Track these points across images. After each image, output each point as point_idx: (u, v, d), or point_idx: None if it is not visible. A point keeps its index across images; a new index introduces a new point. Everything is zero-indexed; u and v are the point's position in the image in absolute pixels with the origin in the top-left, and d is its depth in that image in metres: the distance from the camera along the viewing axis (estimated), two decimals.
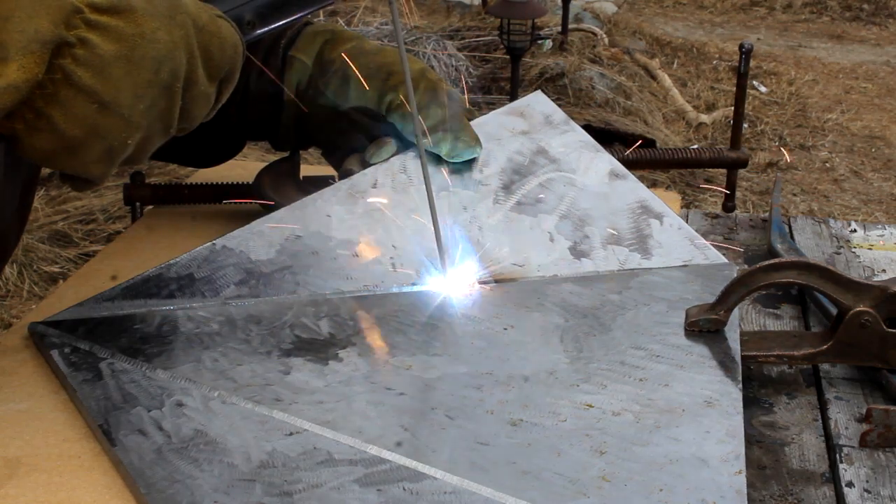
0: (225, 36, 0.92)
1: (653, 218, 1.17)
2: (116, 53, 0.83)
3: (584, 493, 0.79)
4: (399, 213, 1.12)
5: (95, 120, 0.84)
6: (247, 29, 1.01)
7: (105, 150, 0.86)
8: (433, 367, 0.95)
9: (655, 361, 0.96)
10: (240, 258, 1.07)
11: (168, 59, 0.86)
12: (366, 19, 5.86)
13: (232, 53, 0.93)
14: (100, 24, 0.82)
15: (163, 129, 0.90)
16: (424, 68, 1.19)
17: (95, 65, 0.82)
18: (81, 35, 0.81)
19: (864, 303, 0.96)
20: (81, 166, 0.87)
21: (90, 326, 1.00)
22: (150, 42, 0.84)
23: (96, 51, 0.82)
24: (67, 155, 0.85)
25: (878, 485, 0.86)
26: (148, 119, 0.87)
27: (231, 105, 1.21)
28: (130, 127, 0.86)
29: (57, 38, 0.80)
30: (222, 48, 0.92)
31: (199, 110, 0.93)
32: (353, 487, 0.79)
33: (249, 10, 1.01)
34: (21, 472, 0.83)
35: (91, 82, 0.82)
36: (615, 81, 5.12)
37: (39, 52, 0.79)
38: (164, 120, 0.89)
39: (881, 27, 7.73)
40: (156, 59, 0.85)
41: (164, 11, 0.86)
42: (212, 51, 0.91)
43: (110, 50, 0.82)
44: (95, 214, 3.54)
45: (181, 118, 0.91)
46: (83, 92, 0.82)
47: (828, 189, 4.60)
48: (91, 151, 0.85)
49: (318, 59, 1.20)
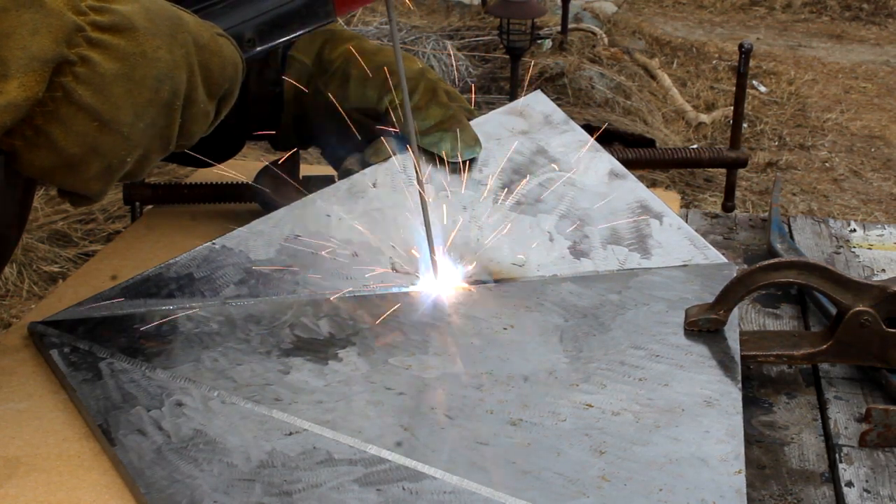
0: (225, 54, 0.92)
1: (652, 218, 1.17)
2: (117, 72, 0.83)
3: (583, 492, 0.79)
4: (399, 213, 1.12)
5: (95, 138, 0.84)
6: (247, 46, 1.01)
7: (104, 167, 0.86)
8: (433, 366, 0.95)
9: (655, 361, 0.96)
10: (239, 258, 1.07)
11: (169, 77, 0.86)
12: (365, 19, 5.86)
13: (232, 72, 0.93)
14: (101, 43, 0.82)
15: (161, 147, 0.90)
16: (424, 68, 1.19)
17: (96, 83, 0.82)
18: (83, 53, 0.81)
19: (864, 302, 0.96)
20: (80, 183, 0.87)
21: (90, 326, 1.00)
22: (151, 61, 0.84)
23: (97, 69, 0.82)
24: (66, 172, 0.85)
25: (878, 484, 0.86)
26: (147, 137, 0.87)
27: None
28: (129, 145, 0.86)
29: (58, 56, 0.80)
30: (223, 67, 0.92)
31: (198, 127, 0.93)
32: (353, 487, 0.79)
33: (250, 28, 1.01)
34: (20, 471, 0.83)
35: (91, 100, 0.82)
36: (615, 81, 5.12)
37: (40, 70, 0.79)
38: (163, 137, 0.89)
39: (881, 27, 7.73)
40: (157, 78, 0.85)
41: (166, 30, 0.86)
42: (212, 69, 0.91)
43: (111, 68, 0.82)
44: (95, 214, 3.53)
45: (180, 135, 0.91)
46: (83, 110, 0.82)
47: (827, 189, 4.60)
48: (90, 169, 0.85)
49: (318, 58, 1.20)
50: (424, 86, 1.16)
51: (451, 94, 1.19)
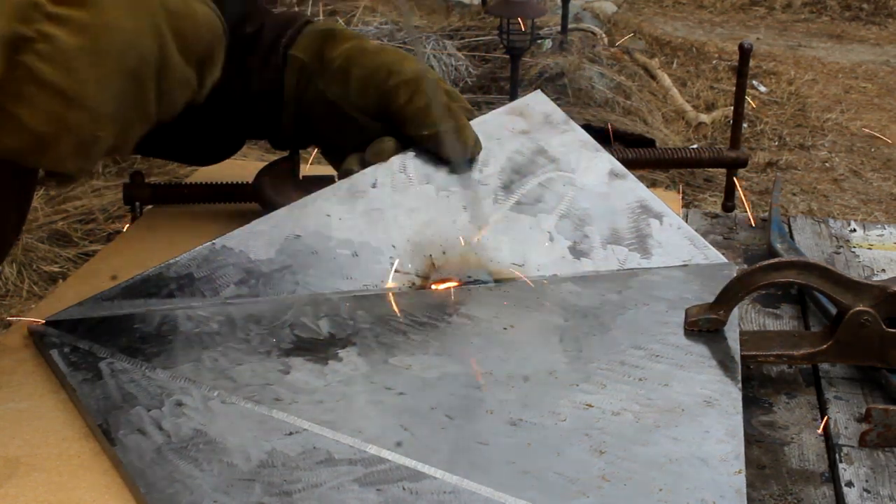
0: (199, 18, 0.89)
1: (652, 217, 1.17)
2: (79, 46, 0.80)
3: (583, 492, 0.79)
4: (399, 213, 1.12)
5: (62, 115, 0.81)
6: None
7: (76, 144, 0.84)
8: (433, 366, 0.95)
9: (655, 361, 0.96)
10: (239, 258, 1.07)
11: (134, 47, 0.83)
12: (366, 19, 5.86)
13: (208, 35, 0.91)
14: (60, 17, 0.80)
15: (141, 118, 0.87)
16: (424, 68, 1.19)
17: (58, 59, 0.80)
18: (42, 29, 0.79)
19: (864, 302, 0.96)
20: (55, 162, 0.84)
21: (90, 326, 1.00)
22: (114, 31, 0.82)
23: (58, 44, 0.80)
24: (38, 152, 0.83)
25: (878, 484, 0.86)
26: (118, 110, 0.84)
27: (231, 104, 1.21)
28: (99, 120, 0.84)
29: (13, 35, 0.78)
30: (197, 30, 0.89)
31: (180, 95, 0.90)
32: (353, 487, 0.79)
33: None
34: (20, 471, 0.83)
35: (55, 77, 0.80)
36: (615, 81, 5.12)
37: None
38: (139, 108, 0.86)
39: (881, 27, 7.73)
40: (121, 50, 0.83)
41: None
42: (185, 34, 0.88)
43: (73, 42, 0.80)
44: (95, 214, 3.53)
45: (160, 105, 0.89)
46: (47, 87, 0.80)
47: (827, 189, 4.60)
48: (62, 147, 0.83)
49: (319, 57, 1.20)
50: (424, 86, 1.16)
51: (451, 94, 1.19)
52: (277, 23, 1.23)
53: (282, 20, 1.24)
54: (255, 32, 1.21)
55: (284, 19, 1.24)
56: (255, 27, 1.22)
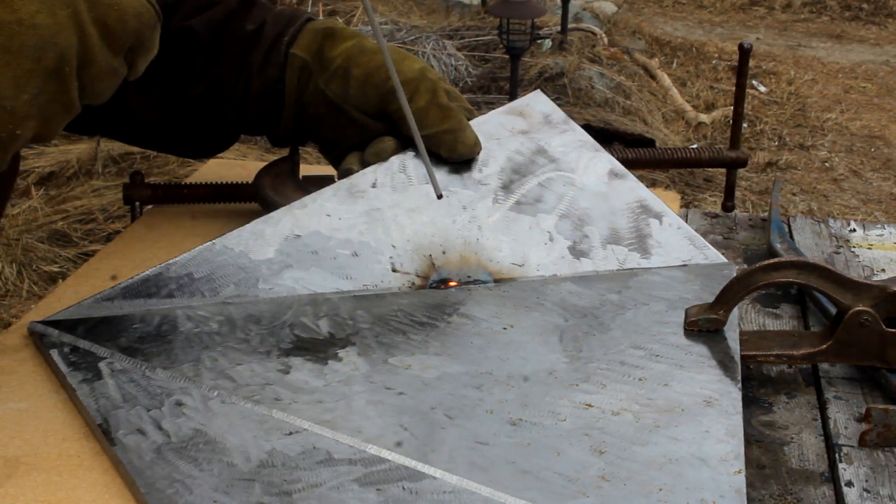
0: (125, 6, 0.87)
1: (652, 217, 1.17)
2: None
3: (583, 492, 0.79)
4: (399, 213, 1.12)
5: None
6: None
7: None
8: (433, 366, 0.95)
9: (655, 361, 0.96)
10: (239, 258, 1.07)
11: (51, 43, 0.81)
12: (365, 19, 5.86)
13: (135, 23, 0.88)
14: None
15: (62, 110, 0.86)
16: (424, 67, 1.19)
17: None
18: None
19: (864, 302, 0.96)
20: None
21: (90, 326, 1.00)
22: (29, 28, 0.80)
23: None
24: None
25: (878, 484, 0.86)
26: (36, 107, 0.83)
27: (231, 100, 1.21)
28: (16, 118, 0.82)
29: None
30: (122, 20, 0.86)
31: (105, 86, 0.88)
32: (353, 487, 0.79)
33: None
34: (20, 471, 0.83)
35: None
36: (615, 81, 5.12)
37: None
38: (59, 103, 0.85)
39: (880, 27, 7.73)
40: (37, 46, 0.81)
41: None
42: (110, 24, 0.85)
43: None
44: (95, 214, 3.54)
45: (83, 96, 0.87)
46: None
47: (827, 189, 4.60)
48: None
49: (319, 56, 1.20)
50: (424, 85, 1.16)
51: (451, 93, 1.19)
52: (278, 20, 1.23)
53: (283, 18, 1.23)
54: (256, 29, 1.21)
55: (285, 17, 1.24)
56: (255, 24, 1.22)
